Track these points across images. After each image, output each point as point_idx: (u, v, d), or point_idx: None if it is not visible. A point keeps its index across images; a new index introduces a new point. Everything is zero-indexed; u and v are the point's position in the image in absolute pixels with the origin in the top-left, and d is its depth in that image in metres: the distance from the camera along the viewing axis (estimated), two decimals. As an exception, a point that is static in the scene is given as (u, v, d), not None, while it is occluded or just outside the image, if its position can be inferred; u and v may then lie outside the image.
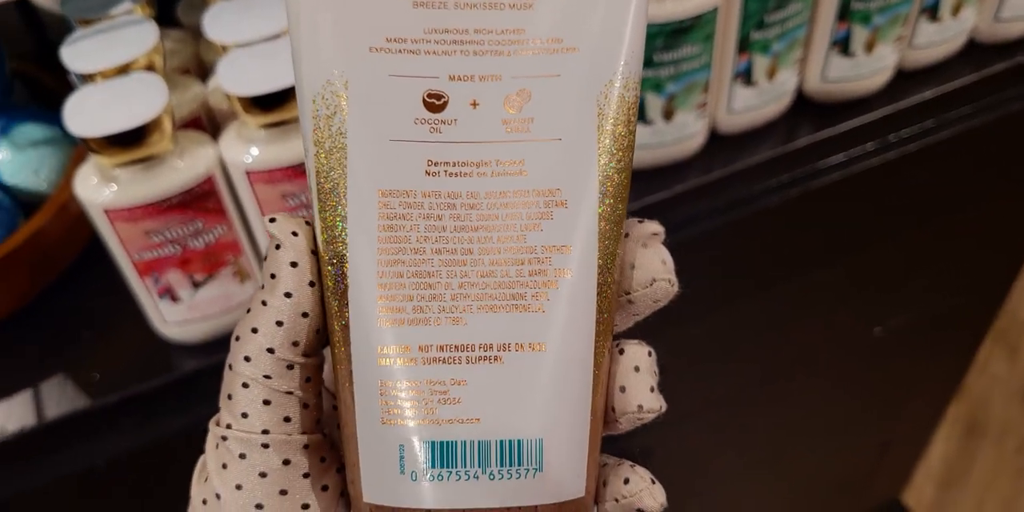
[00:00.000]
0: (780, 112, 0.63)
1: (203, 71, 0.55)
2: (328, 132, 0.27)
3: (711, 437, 0.88)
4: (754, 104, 0.61)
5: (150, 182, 0.46)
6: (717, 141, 0.62)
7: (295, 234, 0.26)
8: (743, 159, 0.62)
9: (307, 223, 0.26)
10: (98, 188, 0.47)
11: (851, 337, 0.85)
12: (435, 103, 0.27)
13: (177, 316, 0.52)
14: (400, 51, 0.27)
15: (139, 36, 0.49)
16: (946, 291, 0.86)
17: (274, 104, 0.46)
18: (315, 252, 0.26)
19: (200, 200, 0.48)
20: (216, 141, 0.49)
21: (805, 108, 0.64)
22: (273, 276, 0.25)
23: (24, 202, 0.58)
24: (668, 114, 0.58)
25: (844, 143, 0.64)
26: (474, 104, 0.27)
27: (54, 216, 0.56)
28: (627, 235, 0.28)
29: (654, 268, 0.27)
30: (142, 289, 0.51)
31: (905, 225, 0.75)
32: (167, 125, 0.45)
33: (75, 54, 0.48)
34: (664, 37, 0.54)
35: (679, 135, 0.59)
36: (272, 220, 0.26)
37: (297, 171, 0.48)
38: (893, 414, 1.04)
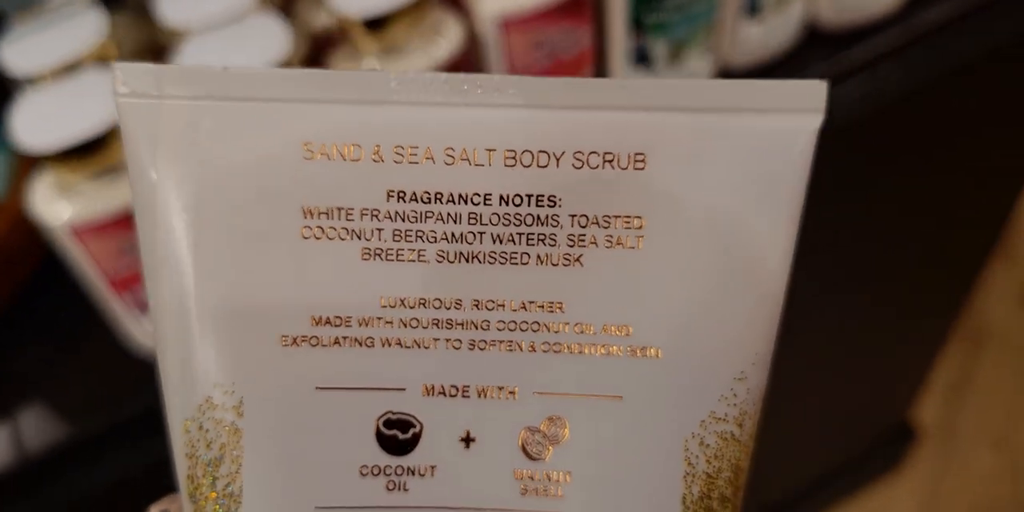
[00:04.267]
0: (790, 46, 0.58)
1: (161, 57, 0.48)
2: (211, 487, 0.17)
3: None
4: (763, 39, 0.56)
5: (120, 191, 0.41)
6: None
7: None
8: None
9: None
10: (59, 204, 0.41)
11: (861, 267, 0.82)
12: (398, 437, 0.16)
13: (165, 331, 0.47)
14: (337, 342, 0.17)
15: (86, 26, 0.42)
16: (957, 217, 0.83)
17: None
18: None
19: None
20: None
21: (816, 41, 0.59)
22: None
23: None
24: (674, 57, 0.53)
25: (860, 71, 0.59)
26: (467, 440, 0.17)
27: (10, 228, 0.50)
28: None
29: None
30: (119, 305, 0.46)
31: (924, 155, 0.71)
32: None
33: (16, 54, 0.42)
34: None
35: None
36: None
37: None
38: (900, 338, 1.02)
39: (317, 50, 0.47)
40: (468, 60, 0.47)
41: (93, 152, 0.39)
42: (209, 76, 0.17)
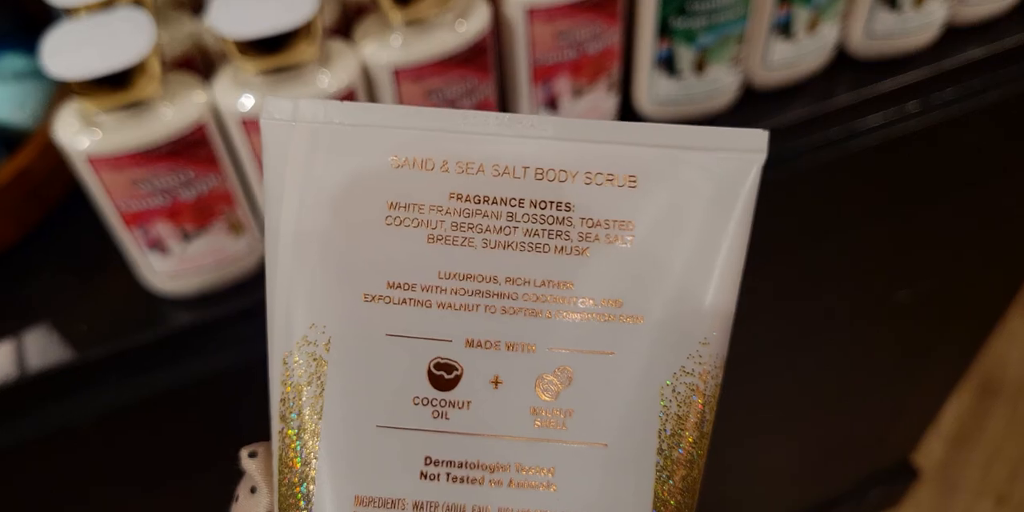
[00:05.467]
0: (819, 69, 0.59)
1: (197, 4, 0.50)
2: (299, 407, 0.22)
3: (724, 394, 0.86)
4: (791, 58, 0.57)
5: (137, 129, 0.43)
6: (750, 97, 0.58)
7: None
8: (776, 117, 0.58)
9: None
10: (80, 134, 0.43)
11: (873, 300, 0.82)
12: (444, 377, 0.22)
13: (167, 268, 0.49)
14: (404, 302, 0.22)
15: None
16: (975, 258, 0.83)
17: (273, 48, 0.42)
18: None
19: (190, 149, 0.44)
20: (210, 85, 0.45)
21: (845, 65, 0.60)
22: None
23: (8, 138, 0.54)
24: (699, 67, 0.54)
25: (885, 103, 0.59)
26: (496, 382, 0.22)
27: (40, 154, 0.52)
28: None
29: None
30: (130, 240, 0.48)
31: (941, 191, 0.71)
32: (155, 68, 0.42)
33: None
34: (700, -15, 0.49)
35: (709, 89, 0.55)
36: (251, 454, 0.24)
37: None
38: (909, 377, 1.01)
39: (347, 17, 0.49)
40: (493, 42, 0.49)
41: (117, 86, 0.41)
42: (329, 107, 0.23)
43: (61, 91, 0.54)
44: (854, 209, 0.68)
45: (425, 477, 0.21)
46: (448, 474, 0.21)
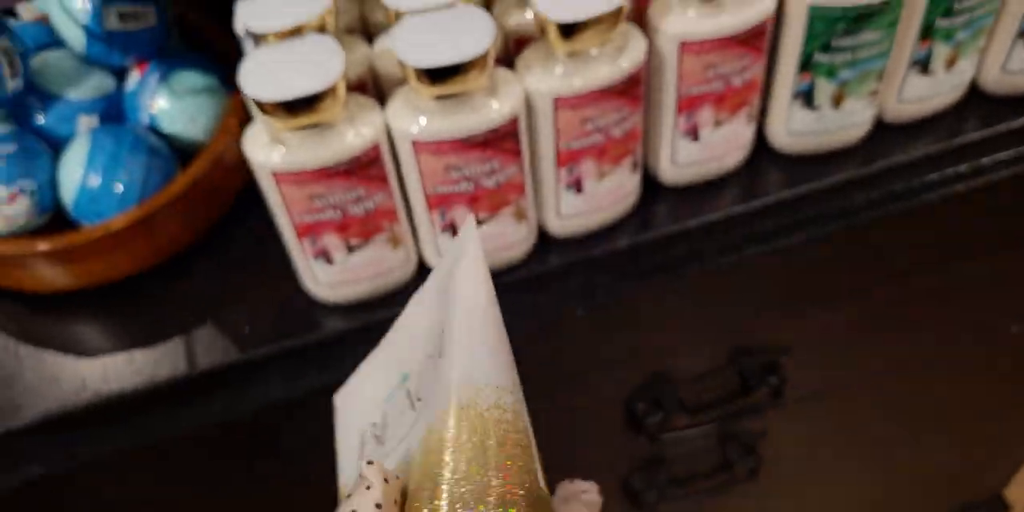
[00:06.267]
0: (952, 103, 0.60)
1: (367, 31, 0.54)
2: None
3: (821, 423, 0.87)
4: (926, 94, 0.58)
5: (320, 148, 0.46)
6: (881, 130, 0.60)
7: (386, 481, 0.27)
8: (907, 151, 0.59)
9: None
10: (268, 150, 0.47)
11: (985, 333, 0.83)
12: None
13: (329, 277, 0.53)
14: None
15: (315, -3, 0.48)
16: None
17: (449, 76, 0.45)
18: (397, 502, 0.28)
19: (365, 167, 0.48)
20: (382, 107, 0.48)
21: (978, 100, 0.61)
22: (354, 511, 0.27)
23: (179, 150, 0.58)
24: (837, 101, 0.56)
25: (1016, 139, 0.61)
26: None
27: (212, 165, 0.56)
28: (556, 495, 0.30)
29: None
30: (298, 249, 0.51)
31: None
32: (342, 92, 0.45)
33: (250, 12, 0.48)
34: (847, 22, 0.51)
35: (845, 123, 0.57)
36: (369, 463, 0.28)
37: (464, 144, 0.47)
38: (1007, 410, 1.01)
39: (507, 47, 0.52)
40: (647, 74, 0.51)
41: (307, 108, 0.45)
42: None
43: (233, 106, 0.58)
44: (979, 240, 0.69)
45: None
46: None
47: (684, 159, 0.57)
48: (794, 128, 0.57)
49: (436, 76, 0.45)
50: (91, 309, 0.57)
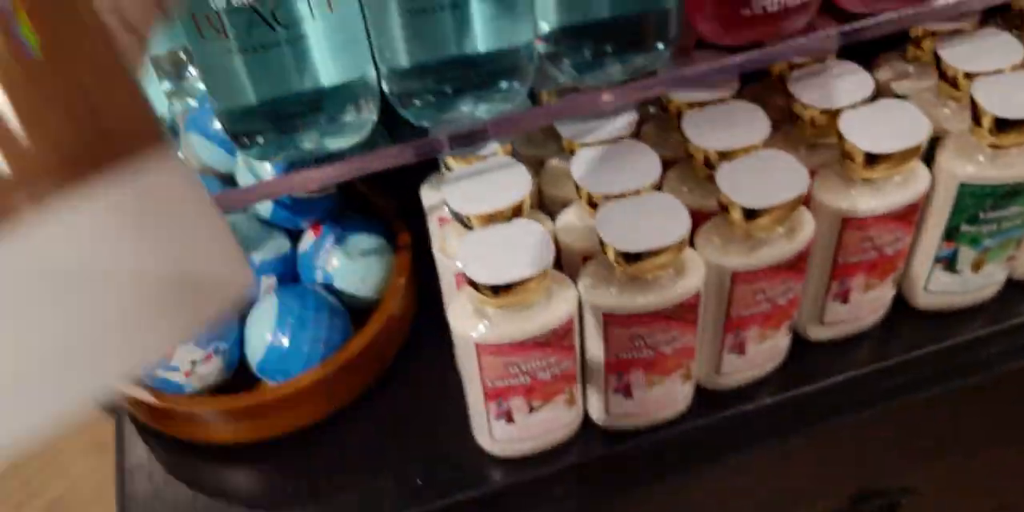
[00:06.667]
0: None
1: (542, 206, 0.58)
2: None
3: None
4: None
5: (521, 323, 0.49)
6: (1011, 287, 0.64)
7: None
8: (1037, 309, 0.63)
9: None
10: (473, 322, 0.50)
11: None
12: None
13: (507, 435, 0.55)
14: None
15: (512, 179, 0.52)
16: None
17: (646, 259, 0.48)
18: None
19: (558, 338, 0.51)
20: (573, 281, 0.52)
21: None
22: None
23: (353, 307, 0.62)
24: (977, 266, 0.59)
25: None
26: None
27: (384, 324, 0.60)
28: None
29: None
30: (482, 410, 0.54)
31: None
32: (548, 277, 0.49)
33: (453, 193, 0.51)
34: (995, 198, 0.55)
35: (981, 284, 0.61)
36: None
37: (651, 316, 0.51)
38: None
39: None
40: (702, 299, 0.55)
41: (510, 290, 0.48)
42: None
43: (399, 266, 0.62)
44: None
45: None
46: None
47: (831, 318, 0.60)
48: (933, 289, 0.61)
49: (633, 258, 0.48)
50: (266, 461, 0.59)
